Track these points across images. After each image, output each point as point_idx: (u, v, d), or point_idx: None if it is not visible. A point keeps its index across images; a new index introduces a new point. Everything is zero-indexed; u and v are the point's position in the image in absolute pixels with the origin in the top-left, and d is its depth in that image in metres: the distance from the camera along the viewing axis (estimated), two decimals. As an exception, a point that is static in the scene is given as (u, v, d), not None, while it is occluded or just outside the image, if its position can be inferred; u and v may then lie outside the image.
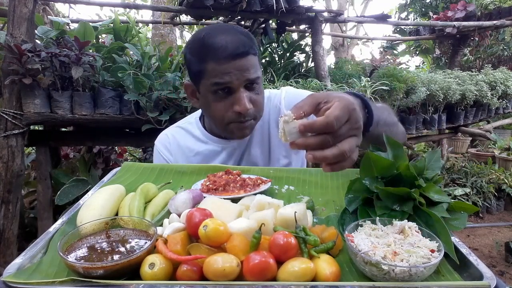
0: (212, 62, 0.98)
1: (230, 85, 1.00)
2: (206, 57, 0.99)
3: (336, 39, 7.81)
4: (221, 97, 1.02)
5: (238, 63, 0.98)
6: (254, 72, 1.01)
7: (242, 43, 0.99)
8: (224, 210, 0.73)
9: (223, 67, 0.97)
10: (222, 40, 0.98)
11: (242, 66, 0.98)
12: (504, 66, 4.44)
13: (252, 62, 1.01)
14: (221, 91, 1.01)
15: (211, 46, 0.98)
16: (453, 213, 0.73)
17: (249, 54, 1.00)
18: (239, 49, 0.98)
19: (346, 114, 0.63)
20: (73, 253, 0.62)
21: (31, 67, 1.87)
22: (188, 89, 1.13)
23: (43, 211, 2.33)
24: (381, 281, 0.57)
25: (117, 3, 3.14)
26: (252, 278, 0.57)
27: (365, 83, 2.66)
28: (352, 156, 0.64)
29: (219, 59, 0.97)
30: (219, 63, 0.97)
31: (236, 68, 0.98)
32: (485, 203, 3.94)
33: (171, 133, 1.27)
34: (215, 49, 0.98)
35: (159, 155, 1.25)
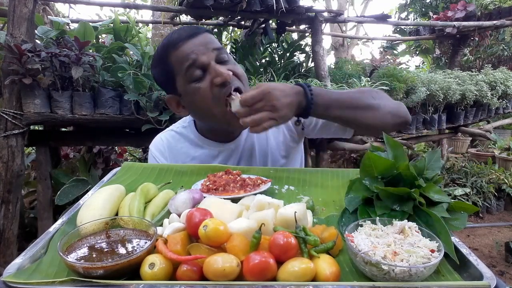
0: (173, 53, 1.01)
1: (200, 61, 0.98)
2: (167, 55, 1.02)
3: (336, 39, 7.81)
4: (199, 80, 1.00)
5: (196, 40, 1.00)
6: (217, 43, 1.02)
7: (192, 27, 1.04)
8: (224, 210, 0.73)
9: (183, 49, 0.99)
10: (175, 34, 1.03)
11: (201, 41, 1.00)
12: (504, 66, 4.43)
13: (209, 36, 1.03)
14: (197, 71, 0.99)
15: (167, 43, 1.02)
16: (453, 213, 0.73)
17: (203, 32, 1.03)
18: (192, 30, 1.02)
19: (260, 95, 0.87)
20: (73, 253, 0.62)
21: (31, 67, 1.87)
22: (172, 103, 1.12)
23: (43, 211, 2.33)
24: (381, 281, 0.57)
25: (117, 3, 3.14)
26: (252, 278, 0.57)
27: (365, 83, 2.66)
28: (263, 125, 0.87)
29: (177, 46, 1.00)
30: (178, 48, 0.99)
31: (196, 44, 0.99)
32: (485, 203, 3.94)
33: (166, 138, 1.24)
34: (171, 42, 1.01)
35: (154, 160, 1.22)
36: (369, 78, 2.83)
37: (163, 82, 1.10)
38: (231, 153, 1.19)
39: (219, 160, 1.19)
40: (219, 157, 1.19)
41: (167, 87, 1.10)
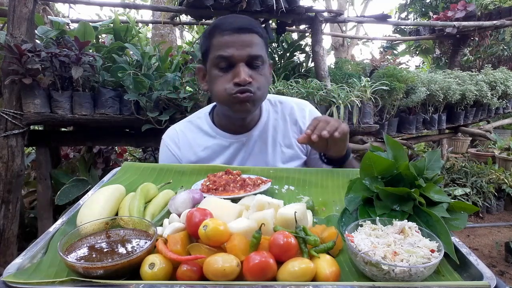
0: (217, 35, 1.05)
1: (231, 58, 1.04)
2: (214, 33, 1.06)
3: (336, 39, 7.81)
4: (223, 71, 1.06)
5: (241, 37, 1.04)
6: (257, 50, 1.06)
7: (248, 22, 1.07)
8: (224, 210, 0.73)
9: (226, 38, 1.04)
10: (231, 19, 1.08)
11: (244, 41, 1.04)
12: (504, 66, 4.43)
13: (256, 40, 1.06)
14: (223, 64, 1.05)
15: (219, 23, 1.07)
16: (453, 213, 0.73)
17: (253, 32, 1.06)
18: (244, 25, 1.05)
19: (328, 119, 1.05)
20: (73, 253, 0.62)
21: (31, 67, 1.87)
22: (200, 73, 1.18)
23: (43, 211, 2.32)
24: (381, 281, 0.57)
25: (117, 3, 3.14)
26: (252, 278, 0.57)
27: (365, 83, 2.66)
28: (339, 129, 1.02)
29: (224, 32, 1.04)
30: (223, 35, 1.04)
31: (238, 41, 1.03)
32: (485, 203, 3.94)
33: (180, 128, 1.28)
34: (222, 25, 1.06)
35: (167, 149, 1.26)
36: (369, 78, 2.83)
37: (201, 52, 1.16)
38: (242, 145, 1.22)
39: (230, 151, 1.22)
40: (231, 148, 1.22)
41: (202, 57, 1.16)
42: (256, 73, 1.07)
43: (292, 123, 1.26)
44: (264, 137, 1.23)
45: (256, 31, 1.06)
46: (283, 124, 1.26)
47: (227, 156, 1.21)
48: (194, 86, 2.20)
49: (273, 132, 1.24)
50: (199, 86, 1.22)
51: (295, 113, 1.27)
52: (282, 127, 1.25)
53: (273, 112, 1.26)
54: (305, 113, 1.28)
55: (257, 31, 1.07)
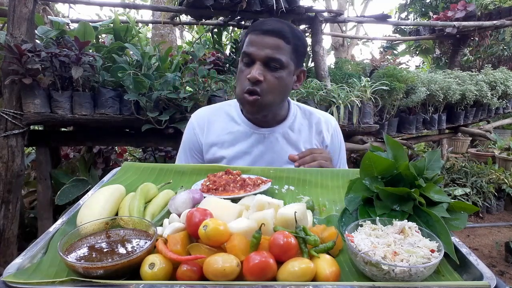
0: (250, 33, 1.13)
1: (251, 55, 1.10)
2: (249, 31, 1.14)
3: (336, 39, 7.81)
4: (245, 66, 1.13)
5: (266, 38, 1.09)
6: (277, 53, 1.09)
7: (279, 27, 1.10)
8: (224, 210, 0.73)
9: (253, 37, 1.10)
10: (267, 21, 1.13)
11: (268, 43, 1.09)
12: (504, 66, 4.43)
13: (278, 44, 1.09)
14: (246, 59, 1.12)
15: (255, 23, 1.14)
16: (453, 213, 0.73)
17: (279, 37, 1.09)
18: (273, 29, 1.09)
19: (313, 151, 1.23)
20: (73, 253, 0.62)
21: (31, 67, 1.87)
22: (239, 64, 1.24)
23: (43, 211, 2.32)
24: (381, 281, 0.57)
25: (117, 3, 3.14)
26: (252, 278, 0.57)
27: (365, 83, 2.66)
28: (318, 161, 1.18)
29: (253, 31, 1.11)
30: (252, 34, 1.11)
31: (262, 42, 1.09)
32: (485, 203, 3.94)
33: (208, 112, 1.32)
34: (256, 25, 1.13)
35: (192, 129, 1.31)
36: (369, 78, 2.83)
37: None
38: (263, 138, 1.25)
39: (251, 140, 1.25)
40: (252, 138, 1.25)
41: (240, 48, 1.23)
42: (272, 75, 1.10)
43: (316, 133, 1.31)
44: (287, 137, 1.27)
45: (284, 36, 1.09)
46: (308, 130, 1.30)
47: (247, 145, 1.25)
48: (194, 86, 2.20)
49: (298, 134, 1.28)
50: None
51: (321, 124, 1.32)
52: (307, 133, 1.30)
53: (301, 117, 1.31)
54: (330, 127, 1.34)
55: (285, 36, 1.10)
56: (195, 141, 1.29)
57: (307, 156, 1.19)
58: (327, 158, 1.20)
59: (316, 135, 1.31)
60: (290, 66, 1.14)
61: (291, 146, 1.26)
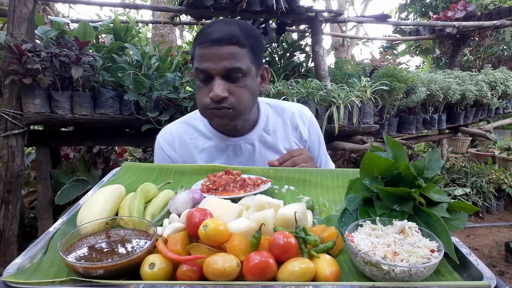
0: (198, 46, 1.03)
1: (207, 71, 1.01)
2: (196, 42, 1.05)
3: (336, 39, 7.81)
4: (203, 83, 1.05)
5: (216, 50, 0.99)
6: (235, 62, 1.00)
7: (229, 32, 1.00)
8: (224, 210, 0.73)
9: (202, 51, 1.01)
10: (214, 27, 1.02)
11: (220, 54, 0.99)
12: (504, 66, 4.43)
13: (234, 51, 1.00)
14: (202, 76, 1.04)
15: (202, 32, 1.04)
16: (453, 213, 0.73)
17: (232, 44, 1.00)
18: (222, 37, 0.99)
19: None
20: (73, 253, 0.62)
21: (31, 67, 1.87)
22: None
23: (43, 211, 2.32)
24: (381, 281, 0.57)
25: (117, 3, 3.14)
26: (252, 278, 0.57)
27: (365, 83, 2.66)
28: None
29: (201, 44, 1.02)
30: (200, 47, 1.02)
31: (213, 54, 1.00)
32: (485, 203, 3.94)
33: (175, 129, 1.25)
34: (203, 35, 1.03)
35: (162, 151, 1.23)
36: (369, 78, 2.83)
37: None
38: (240, 149, 1.19)
39: (228, 154, 1.19)
40: (229, 150, 1.19)
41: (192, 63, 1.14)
42: (236, 86, 1.03)
43: (293, 129, 1.27)
44: (264, 141, 1.22)
45: (237, 41, 1.00)
46: (283, 128, 1.25)
47: (224, 160, 1.19)
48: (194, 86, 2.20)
49: (274, 136, 1.23)
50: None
51: (296, 118, 1.27)
52: (283, 132, 1.25)
53: (273, 116, 1.26)
54: (305, 119, 1.29)
55: (239, 40, 1.00)
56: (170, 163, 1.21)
57: (287, 161, 1.11)
58: (307, 159, 1.14)
59: (293, 131, 1.26)
60: (252, 70, 1.06)
61: (269, 150, 1.22)
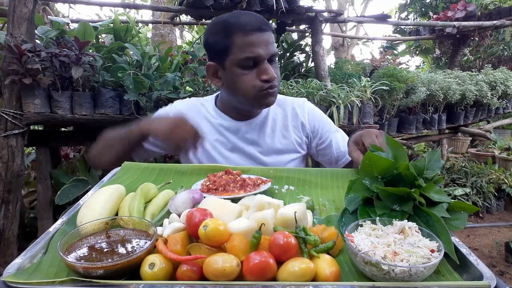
0: (240, 35, 1.08)
1: (259, 57, 1.09)
2: (233, 32, 1.09)
3: (336, 39, 7.80)
4: (248, 68, 1.11)
5: (264, 36, 1.09)
6: (274, 47, 1.13)
7: (263, 20, 1.12)
8: (224, 210, 0.73)
9: (251, 38, 1.08)
10: (246, 17, 1.11)
11: (266, 40, 1.10)
12: (504, 66, 4.43)
13: (272, 37, 1.13)
14: (250, 63, 1.10)
15: (237, 23, 1.10)
16: (453, 213, 0.73)
17: (270, 30, 1.12)
18: (263, 24, 1.10)
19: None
20: (73, 253, 0.62)
21: (31, 67, 1.87)
22: (210, 70, 1.20)
23: (43, 211, 2.32)
24: (381, 281, 0.57)
25: (117, 3, 3.14)
26: (252, 278, 0.57)
27: (365, 83, 2.66)
28: None
29: (247, 32, 1.08)
30: (247, 35, 1.08)
31: (263, 40, 1.09)
32: (485, 203, 3.94)
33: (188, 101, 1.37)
34: (241, 24, 1.09)
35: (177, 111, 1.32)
36: (369, 78, 2.83)
37: (213, 50, 1.16)
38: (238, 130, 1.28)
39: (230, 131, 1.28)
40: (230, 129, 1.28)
41: (214, 55, 1.17)
42: (274, 68, 1.14)
43: (292, 119, 1.34)
44: (264, 127, 1.30)
45: (271, 28, 1.13)
46: (282, 118, 1.33)
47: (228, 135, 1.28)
48: (194, 86, 2.20)
49: (272, 123, 1.31)
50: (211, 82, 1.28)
51: (296, 109, 1.35)
52: (282, 120, 1.33)
53: (274, 107, 1.32)
54: (303, 108, 1.37)
55: (271, 28, 1.14)
56: None
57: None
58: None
59: (293, 121, 1.34)
60: None
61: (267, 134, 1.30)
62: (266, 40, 1.10)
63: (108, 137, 1.23)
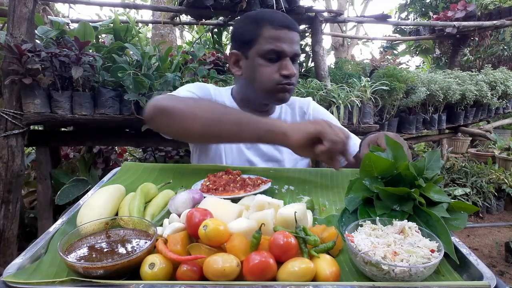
0: (269, 27, 1.12)
1: (283, 53, 1.13)
2: (264, 23, 1.13)
3: (336, 39, 7.81)
4: (271, 61, 1.14)
5: (291, 34, 1.13)
6: (298, 48, 1.18)
7: (293, 21, 1.16)
8: (224, 210, 0.73)
9: (279, 33, 1.12)
10: (278, 14, 1.16)
11: (293, 39, 1.14)
12: (504, 66, 4.43)
13: (298, 38, 1.17)
14: (273, 55, 1.13)
15: (269, 16, 1.15)
16: (453, 213, 0.73)
17: (297, 32, 1.17)
18: (292, 24, 1.15)
19: None
20: (73, 253, 0.62)
21: (31, 67, 1.87)
22: (232, 57, 1.22)
23: (43, 211, 2.32)
24: (381, 281, 0.57)
25: (117, 3, 3.13)
26: (252, 278, 0.57)
27: (365, 83, 2.66)
28: None
29: (277, 26, 1.12)
30: (276, 29, 1.12)
31: (289, 38, 1.13)
32: (485, 203, 3.93)
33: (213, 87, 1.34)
34: (273, 18, 1.13)
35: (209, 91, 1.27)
36: (369, 78, 2.83)
37: (240, 38, 1.19)
38: None
39: None
40: None
41: (240, 44, 1.19)
42: (295, 68, 1.17)
43: (300, 118, 1.38)
44: None
45: (299, 30, 1.18)
46: (291, 117, 1.37)
47: None
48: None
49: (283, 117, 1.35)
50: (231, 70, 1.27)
51: (302, 107, 1.39)
52: (291, 119, 1.36)
53: (284, 106, 1.37)
54: (309, 106, 1.40)
55: (299, 30, 1.18)
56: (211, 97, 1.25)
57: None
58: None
59: (300, 120, 1.37)
60: None
61: None
62: (292, 38, 1.14)
63: (204, 112, 0.96)
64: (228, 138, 1.00)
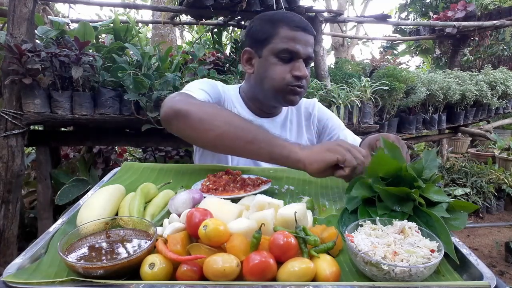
0: (286, 27, 1.12)
1: (297, 54, 1.13)
2: (281, 23, 1.13)
3: (336, 39, 7.81)
4: (284, 61, 1.14)
5: (306, 36, 1.14)
6: (312, 51, 1.18)
7: (309, 24, 1.17)
8: (224, 210, 0.73)
9: (295, 34, 1.12)
10: (296, 16, 1.16)
11: (308, 41, 1.15)
12: (504, 66, 4.43)
13: (313, 42, 1.18)
14: (286, 55, 1.13)
15: (286, 17, 1.15)
16: (453, 213, 0.73)
17: (312, 35, 1.17)
18: (308, 27, 1.15)
19: None
20: (73, 253, 0.62)
21: (31, 67, 1.87)
22: (245, 55, 1.22)
23: (43, 211, 2.32)
24: (381, 281, 0.57)
25: (117, 3, 3.14)
26: (252, 278, 0.57)
27: (365, 83, 2.66)
28: None
29: (293, 27, 1.12)
30: (292, 30, 1.12)
31: (304, 40, 1.13)
32: (485, 203, 3.94)
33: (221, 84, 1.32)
34: (290, 19, 1.14)
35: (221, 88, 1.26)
36: (369, 78, 2.83)
37: (255, 36, 1.18)
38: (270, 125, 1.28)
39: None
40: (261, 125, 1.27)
41: (254, 42, 1.19)
42: (307, 70, 1.18)
43: (305, 119, 1.38)
44: (284, 126, 1.33)
45: (314, 34, 1.18)
46: (297, 118, 1.37)
47: None
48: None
49: (290, 124, 1.35)
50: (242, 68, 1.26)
51: (308, 108, 1.39)
52: (296, 120, 1.37)
53: (290, 108, 1.37)
54: (315, 107, 1.40)
55: (314, 34, 1.19)
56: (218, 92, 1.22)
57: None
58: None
59: (306, 121, 1.37)
60: None
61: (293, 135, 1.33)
62: (307, 41, 1.14)
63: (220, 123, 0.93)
64: (241, 154, 0.96)
